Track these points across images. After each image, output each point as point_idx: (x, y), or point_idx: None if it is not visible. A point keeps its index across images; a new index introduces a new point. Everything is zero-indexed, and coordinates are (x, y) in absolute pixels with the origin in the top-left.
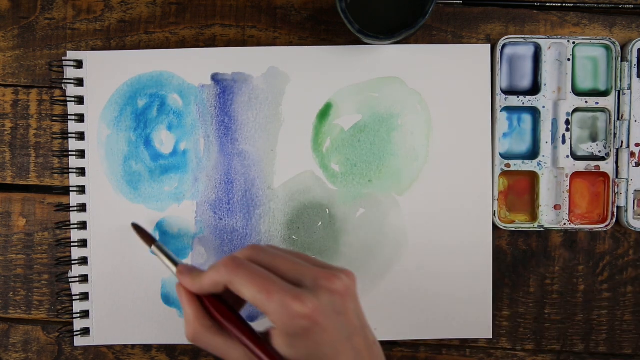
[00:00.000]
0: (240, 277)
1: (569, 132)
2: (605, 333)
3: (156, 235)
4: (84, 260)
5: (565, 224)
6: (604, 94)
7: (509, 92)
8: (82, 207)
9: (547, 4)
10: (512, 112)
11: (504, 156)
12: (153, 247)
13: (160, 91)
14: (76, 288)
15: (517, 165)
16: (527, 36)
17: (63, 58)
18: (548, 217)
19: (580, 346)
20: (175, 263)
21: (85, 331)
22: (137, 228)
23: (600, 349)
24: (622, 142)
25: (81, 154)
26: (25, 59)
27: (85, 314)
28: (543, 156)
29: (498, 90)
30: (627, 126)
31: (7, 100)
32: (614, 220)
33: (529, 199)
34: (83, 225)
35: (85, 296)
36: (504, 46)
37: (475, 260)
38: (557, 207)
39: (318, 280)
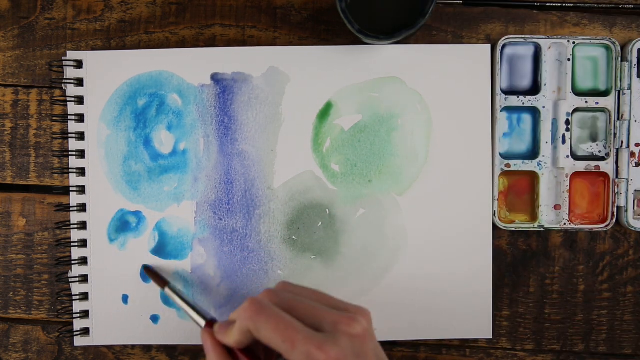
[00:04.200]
0: (263, 323)
1: (569, 132)
2: (605, 333)
3: (155, 236)
4: (84, 260)
5: (565, 224)
6: (604, 94)
7: (509, 92)
8: (82, 207)
9: (547, 4)
10: (512, 112)
11: (504, 156)
12: (166, 289)
13: (160, 91)
14: (76, 288)
15: (517, 165)
16: (527, 36)
17: (63, 58)
18: (548, 217)
19: (580, 346)
20: (200, 314)
21: (85, 331)
22: (149, 271)
23: (600, 349)
24: (622, 142)
25: (81, 154)
26: (25, 59)
27: (85, 314)
28: (543, 156)
29: (498, 90)
30: (627, 126)
31: (7, 100)
32: (614, 220)
33: (529, 199)
34: (83, 225)
35: (85, 296)
36: (504, 46)
37: (475, 260)
38: (557, 207)
39: (338, 325)
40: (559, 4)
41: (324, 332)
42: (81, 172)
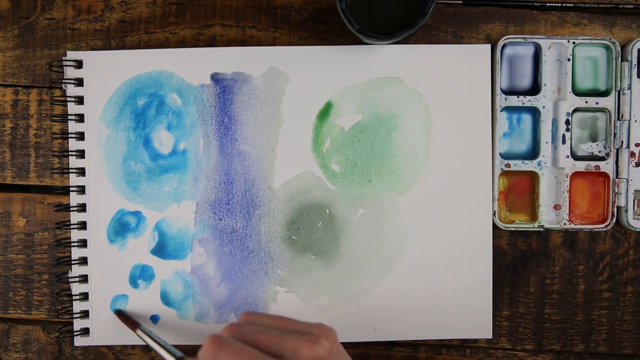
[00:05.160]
0: (225, 357)
1: (569, 132)
2: (605, 333)
3: (155, 236)
4: (84, 260)
5: (565, 224)
6: (604, 94)
7: (509, 92)
8: (82, 207)
9: (547, 4)
10: (512, 112)
11: (504, 156)
12: (138, 331)
13: (160, 91)
14: (76, 288)
15: (517, 165)
16: (527, 36)
17: (63, 58)
18: (548, 217)
19: (580, 346)
20: (170, 353)
21: (85, 331)
22: (120, 314)
23: (600, 349)
24: (622, 142)
25: (81, 154)
26: (25, 59)
27: (85, 314)
28: (543, 156)
29: (498, 90)
30: (627, 126)
31: (7, 100)
32: (614, 220)
33: (529, 199)
34: (83, 225)
35: (85, 296)
36: (504, 46)
37: (475, 260)
38: (557, 207)
39: (299, 350)
40: (559, 4)
41: (286, 359)
42: (81, 172)
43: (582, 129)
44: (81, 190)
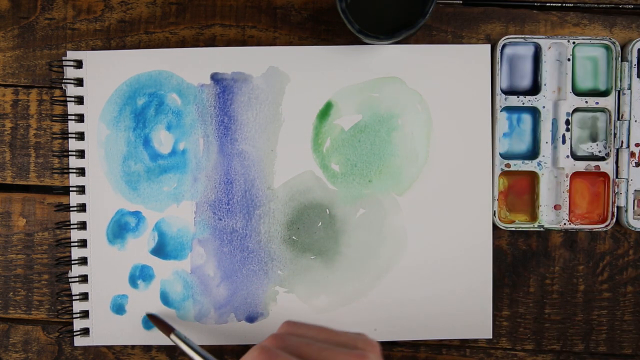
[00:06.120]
0: None
1: (569, 132)
2: (605, 333)
3: (155, 236)
4: (84, 260)
5: (565, 224)
6: (604, 94)
7: (509, 92)
8: (82, 207)
9: (547, 4)
10: (512, 112)
11: (504, 156)
12: (172, 336)
13: (159, 91)
14: (76, 288)
15: (517, 165)
16: (527, 36)
17: (63, 58)
18: (548, 217)
19: (580, 346)
20: (203, 357)
21: (85, 331)
22: (154, 318)
23: (600, 349)
24: (622, 142)
25: (81, 154)
26: (25, 59)
27: (85, 314)
28: (543, 156)
29: (498, 90)
30: (627, 126)
31: (7, 100)
32: (614, 220)
33: (529, 199)
34: (83, 225)
35: (85, 296)
36: (504, 46)
37: (475, 260)
38: (557, 207)
39: None
40: (559, 4)
41: None
42: (81, 172)
43: (582, 129)
44: (81, 190)
